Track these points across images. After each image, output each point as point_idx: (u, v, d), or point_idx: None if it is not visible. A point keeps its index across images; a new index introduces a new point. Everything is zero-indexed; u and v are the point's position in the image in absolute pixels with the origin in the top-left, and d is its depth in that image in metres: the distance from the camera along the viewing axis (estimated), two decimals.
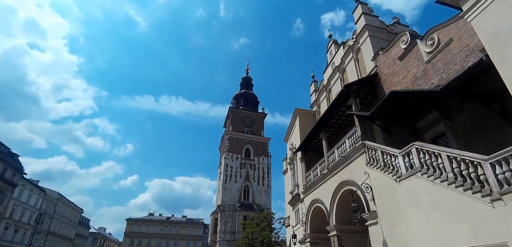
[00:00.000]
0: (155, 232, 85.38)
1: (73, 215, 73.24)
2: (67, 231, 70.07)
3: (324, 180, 18.48)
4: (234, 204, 58.91)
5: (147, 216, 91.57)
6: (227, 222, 57.07)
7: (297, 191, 25.13)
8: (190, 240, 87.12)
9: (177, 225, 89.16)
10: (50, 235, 61.45)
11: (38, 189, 57.47)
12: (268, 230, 46.44)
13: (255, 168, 64.30)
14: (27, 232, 51.87)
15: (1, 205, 45.12)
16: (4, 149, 46.60)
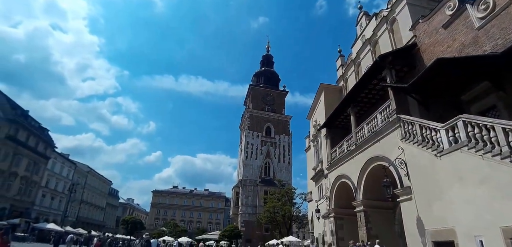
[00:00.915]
0: (179, 204, 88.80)
1: (103, 186, 77.32)
2: (98, 201, 74.40)
3: (351, 156, 18.00)
4: (255, 179, 59.69)
5: (172, 188, 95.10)
6: (249, 196, 58.13)
7: (320, 167, 24.82)
8: (213, 212, 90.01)
9: (200, 197, 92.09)
10: (83, 203, 65.63)
11: (69, 162, 60.82)
12: (289, 204, 46.91)
13: (276, 146, 64.32)
14: (63, 200, 55.49)
15: (37, 175, 48.28)
16: (35, 124, 49.19)
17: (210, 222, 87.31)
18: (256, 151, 62.21)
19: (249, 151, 61.75)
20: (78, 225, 54.76)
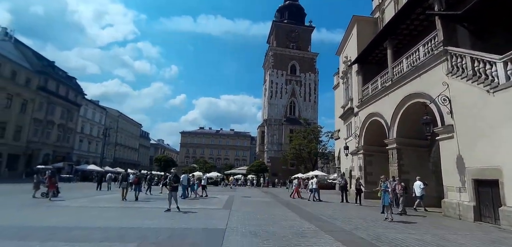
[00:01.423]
0: (206, 143, 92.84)
1: (134, 129, 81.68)
2: (131, 142, 79.38)
3: (386, 93, 17.07)
4: (280, 118, 59.98)
5: (198, 129, 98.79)
6: (274, 134, 59.14)
7: (350, 105, 24.08)
8: (239, 150, 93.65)
9: (226, 137, 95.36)
10: (118, 145, 70.35)
11: (100, 108, 63.87)
12: (315, 142, 47.42)
13: (301, 84, 62.89)
14: (99, 144, 59.62)
15: (72, 122, 51.47)
16: (62, 73, 51.11)
17: (236, 159, 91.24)
18: (280, 90, 61.46)
19: (273, 90, 61.13)
20: (116, 165, 59.28)
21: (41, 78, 43.80)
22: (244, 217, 9.61)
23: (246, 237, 6.45)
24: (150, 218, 8.85)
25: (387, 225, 8.83)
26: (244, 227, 7.70)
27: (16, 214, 8.90)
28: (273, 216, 10.27)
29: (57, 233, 6.39)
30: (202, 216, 9.60)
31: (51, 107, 46.00)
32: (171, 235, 6.39)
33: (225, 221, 8.70)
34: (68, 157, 48.47)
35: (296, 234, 6.97)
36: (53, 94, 46.12)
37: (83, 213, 9.86)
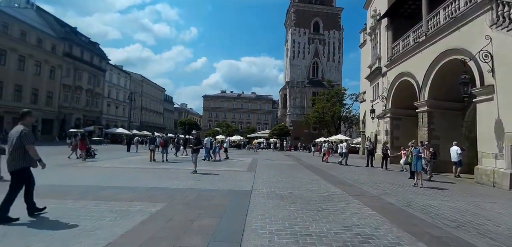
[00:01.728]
0: (228, 107, 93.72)
1: (157, 93, 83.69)
2: (156, 106, 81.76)
3: (419, 49, 15.88)
4: (303, 80, 58.65)
5: (220, 93, 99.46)
6: (296, 97, 58.28)
7: (378, 64, 22.83)
8: (261, 114, 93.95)
9: (248, 100, 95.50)
10: (143, 109, 72.79)
11: (124, 73, 65.49)
12: (339, 105, 46.30)
13: (324, 43, 60.28)
14: (125, 108, 61.89)
15: (99, 87, 53.39)
16: (85, 39, 52.20)
17: (258, 122, 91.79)
18: (303, 50, 59.43)
19: (295, 50, 59.23)
20: (142, 128, 61.66)
21: (66, 44, 45.11)
22: (269, 180, 9.66)
23: (272, 199, 6.44)
24: (177, 179, 9.09)
25: (417, 191, 8.53)
26: (270, 190, 7.71)
27: (52, 175, 9.44)
28: (298, 179, 10.24)
29: (88, 192, 6.69)
30: (228, 178, 9.73)
31: (78, 73, 47.67)
32: (198, 196, 6.50)
33: (250, 183, 8.77)
34: (97, 121, 50.89)
35: (323, 198, 6.88)
36: (79, 60, 47.61)
37: (114, 173, 10.32)
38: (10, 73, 36.17)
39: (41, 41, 40.65)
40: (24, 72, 38.03)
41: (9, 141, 4.56)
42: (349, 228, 4.48)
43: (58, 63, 43.58)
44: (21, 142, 4.44)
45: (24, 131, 4.51)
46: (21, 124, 4.67)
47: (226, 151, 20.69)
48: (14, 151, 4.44)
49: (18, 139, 4.45)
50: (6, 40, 35.36)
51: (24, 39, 38.00)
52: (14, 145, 4.44)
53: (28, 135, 4.50)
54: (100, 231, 3.96)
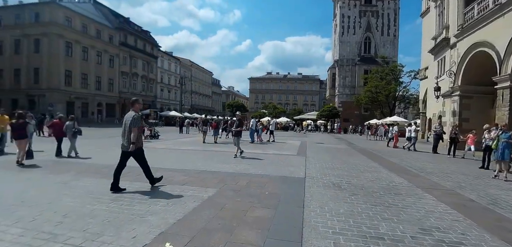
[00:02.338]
0: (274, 89, 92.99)
1: (206, 77, 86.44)
2: (204, 90, 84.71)
3: (501, 13, 13.42)
4: (353, 58, 55.05)
5: (266, 75, 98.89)
6: (346, 76, 55.18)
7: (445, 35, 20.11)
8: (308, 95, 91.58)
9: (294, 81, 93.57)
10: (193, 93, 75.94)
11: (174, 59, 68.66)
12: (395, 84, 42.66)
13: (377, 16, 55.32)
14: (177, 92, 65.12)
15: (152, 73, 56.82)
16: (137, 28, 55.34)
17: (305, 104, 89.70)
18: (353, 25, 55.40)
19: (345, 25, 55.51)
20: (193, 111, 64.32)
21: (121, 34, 48.34)
22: (322, 166, 9.01)
23: (329, 189, 5.85)
24: (227, 163, 8.95)
25: (500, 185, 7.14)
26: (325, 177, 7.10)
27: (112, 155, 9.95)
28: (354, 165, 9.41)
29: (143, 174, 6.83)
30: (278, 163, 9.30)
31: (134, 60, 51.05)
32: (249, 182, 6.19)
33: (302, 169, 8.24)
34: (153, 105, 54.33)
35: (387, 190, 6.07)
36: (133, 48, 50.89)
37: (168, 155, 10.59)
38: (77, 63, 39.97)
39: (100, 32, 44.07)
40: (87, 62, 41.77)
41: (123, 126, 5.31)
42: (428, 231, 3.73)
43: (116, 52, 47.04)
44: (132, 126, 5.13)
45: (135, 116, 5.21)
46: (132, 111, 5.36)
47: (272, 134, 20.24)
48: (128, 134, 5.17)
49: (130, 124, 5.14)
50: (71, 33, 38.97)
51: (86, 31, 41.51)
52: (128, 129, 5.17)
53: (136, 120, 5.19)
54: (152, 218, 3.84)
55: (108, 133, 22.27)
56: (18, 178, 6.27)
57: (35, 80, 37.30)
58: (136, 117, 5.23)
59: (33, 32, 37.21)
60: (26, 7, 38.66)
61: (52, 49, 36.72)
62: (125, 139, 5.24)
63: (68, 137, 9.76)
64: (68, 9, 39.09)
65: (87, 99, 41.77)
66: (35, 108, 33.20)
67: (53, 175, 6.68)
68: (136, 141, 5.17)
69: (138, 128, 5.23)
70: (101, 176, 6.56)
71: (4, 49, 38.45)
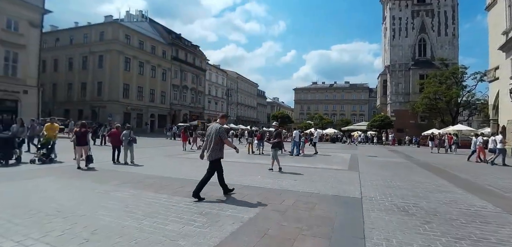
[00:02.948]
0: (320, 99, 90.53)
1: (251, 89, 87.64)
2: (250, 101, 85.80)
3: None
4: (406, 62, 50.84)
5: (311, 85, 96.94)
6: (399, 83, 51.15)
7: None
8: (356, 104, 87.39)
9: (341, 90, 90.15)
10: (239, 105, 77.28)
11: (221, 71, 70.91)
12: (457, 88, 38.23)
13: (433, 15, 50.48)
14: (223, 104, 66.87)
15: (200, 85, 59.23)
16: (188, 43, 58.34)
17: (353, 113, 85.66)
18: (405, 27, 51.29)
19: (396, 28, 51.66)
20: (238, 122, 65.22)
21: (173, 49, 51.24)
22: (380, 183, 7.87)
23: (394, 214, 4.84)
24: (272, 177, 8.31)
25: None
26: (386, 198, 6.05)
27: (161, 165, 10.04)
28: (419, 183, 8.06)
29: (186, 186, 6.56)
30: (328, 179, 8.37)
31: (184, 73, 53.70)
32: (296, 202, 5.46)
33: (357, 186, 7.24)
34: (201, 116, 56.31)
35: (470, 217, 4.84)
36: (184, 62, 53.63)
37: None
38: (134, 77, 43.16)
39: (154, 48, 47.22)
40: (143, 76, 44.88)
41: (208, 136, 5.63)
42: None
43: (168, 66, 49.91)
44: (217, 137, 5.44)
45: (221, 128, 5.53)
46: (217, 123, 5.75)
47: (314, 146, 18.94)
48: (213, 146, 5.44)
49: (216, 135, 5.44)
50: (129, 49, 42.30)
51: (142, 47, 44.78)
52: (213, 140, 5.45)
53: (223, 131, 5.53)
54: (184, 242, 3.36)
55: (157, 142, 23.29)
56: (64, 185, 6.38)
57: (98, 92, 41.08)
58: (223, 130, 5.55)
59: (97, 50, 41.22)
60: (93, 27, 43.07)
61: (113, 65, 40.20)
62: (209, 149, 5.50)
63: (124, 145, 10.39)
64: (127, 28, 42.72)
65: (142, 110, 44.73)
66: (96, 118, 36.43)
67: (98, 183, 6.72)
68: (219, 151, 5.49)
69: (221, 139, 5.51)
70: (143, 187, 6.41)
71: (73, 65, 43.16)
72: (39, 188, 5.93)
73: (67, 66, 43.69)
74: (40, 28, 29.29)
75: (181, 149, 17.67)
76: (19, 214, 4.19)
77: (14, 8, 26.80)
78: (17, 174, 7.53)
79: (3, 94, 26.07)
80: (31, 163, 9.06)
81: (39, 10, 29.02)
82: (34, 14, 28.49)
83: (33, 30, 28.46)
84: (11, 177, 7.10)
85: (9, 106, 26.79)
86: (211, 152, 5.49)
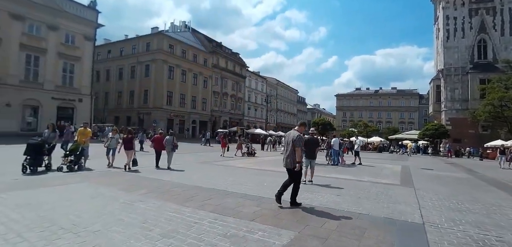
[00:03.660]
0: (364, 105, 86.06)
1: (291, 95, 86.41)
2: (289, 108, 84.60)
3: None
4: (463, 65, 45.81)
5: (354, 91, 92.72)
6: (455, 88, 46.24)
7: None
8: (404, 111, 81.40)
9: (387, 97, 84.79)
10: (279, 111, 76.53)
11: (260, 78, 70.87)
12: None
13: (495, 12, 44.88)
14: (263, 110, 66.56)
15: (240, 92, 59.65)
16: (228, 50, 59.33)
17: (401, 121, 79.87)
18: (462, 27, 46.29)
19: (450, 29, 46.87)
20: (278, 129, 64.43)
21: (214, 57, 52.43)
22: (444, 204, 6.52)
23: None
24: (311, 191, 7.36)
25: None
26: (456, 226, 4.80)
27: (190, 171, 9.70)
28: (496, 207, 6.52)
29: (213, 197, 6.03)
30: (378, 196, 7.20)
31: (224, 80, 54.56)
32: (340, 226, 4.52)
33: (415, 207, 6.01)
34: (240, 122, 56.67)
35: None
36: (224, 70, 54.54)
37: (245, 175, 9.74)
38: (176, 85, 44.83)
39: (196, 57, 48.71)
40: (185, 83, 46.42)
41: (286, 144, 5.76)
42: None
43: (209, 74, 51.11)
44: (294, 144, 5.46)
45: (299, 136, 5.56)
46: (295, 130, 5.81)
47: (357, 155, 17.15)
48: (291, 153, 5.49)
49: (293, 142, 5.48)
50: (173, 59, 44.08)
51: (185, 56, 46.43)
52: (290, 148, 5.51)
53: (299, 139, 5.50)
54: None
55: (195, 148, 23.47)
56: (89, 194, 6.12)
57: (144, 100, 43.29)
58: (300, 137, 5.55)
59: (144, 59, 43.59)
60: (140, 38, 45.77)
61: (158, 73, 42.14)
62: (287, 157, 5.56)
63: (167, 150, 10.66)
64: (171, 38, 44.73)
65: (184, 116, 46.18)
66: (142, 125, 38.31)
67: (124, 192, 6.42)
68: (300, 159, 5.44)
69: (300, 148, 5.48)
70: (168, 198, 5.95)
71: (123, 75, 46.14)
72: (62, 197, 5.69)
73: (117, 76, 46.85)
74: (93, 41, 31.70)
75: (217, 156, 17.42)
76: (33, 226, 3.89)
77: (72, 24, 29.34)
78: (42, 182, 7.25)
79: (61, 102, 28.49)
80: (58, 171, 8.59)
81: (93, 25, 31.48)
82: (88, 29, 30.96)
83: (88, 43, 30.88)
84: (36, 185, 6.78)
85: (66, 113, 29.15)
86: (288, 160, 5.55)
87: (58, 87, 28.11)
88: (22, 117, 24.55)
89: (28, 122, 25.36)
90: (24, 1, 25.78)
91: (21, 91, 25.54)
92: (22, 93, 25.65)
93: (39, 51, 27.02)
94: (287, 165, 5.61)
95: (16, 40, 25.41)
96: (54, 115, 27.45)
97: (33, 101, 26.53)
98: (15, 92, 25.09)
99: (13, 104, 24.62)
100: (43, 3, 27.04)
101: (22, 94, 25.61)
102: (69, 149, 9.41)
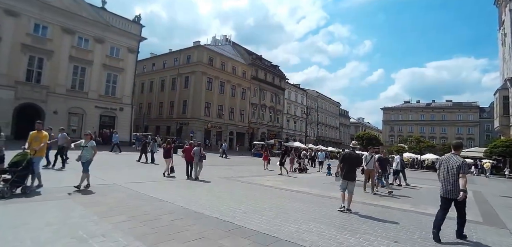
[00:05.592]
0: (414, 119, 78.95)
1: (333, 108, 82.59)
2: (331, 121, 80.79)
3: None
4: None
5: (403, 104, 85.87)
6: None
7: None
8: (461, 126, 72.79)
9: (441, 110, 76.80)
10: (319, 124, 73.34)
11: (301, 90, 68.69)
12: None
13: None
14: (303, 123, 64.12)
15: (279, 104, 58.24)
16: (268, 63, 58.68)
17: (458, 137, 71.21)
18: None
19: None
20: (318, 142, 61.45)
21: (253, 69, 51.92)
22: None
23: None
24: (349, 227, 5.48)
25: None
26: None
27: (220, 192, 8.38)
28: None
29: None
30: (459, 244, 5.10)
31: (263, 92, 53.65)
32: None
33: None
34: (278, 135, 55.00)
35: None
36: (263, 81, 53.75)
37: (278, 194, 8.10)
38: (215, 96, 44.89)
39: (235, 69, 48.58)
40: (223, 95, 46.30)
41: (444, 170, 5.03)
42: None
43: (247, 86, 50.59)
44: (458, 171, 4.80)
45: (464, 162, 4.90)
46: (453, 154, 5.13)
47: (402, 175, 13.95)
48: (455, 181, 4.85)
49: (457, 169, 4.81)
50: (212, 71, 44.31)
51: (224, 68, 46.50)
52: (454, 175, 4.86)
53: (465, 165, 4.86)
54: None
55: (238, 160, 22.34)
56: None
57: (183, 110, 43.91)
58: (465, 163, 4.94)
59: (184, 71, 44.45)
60: (182, 51, 46.90)
61: (197, 85, 42.56)
62: (448, 184, 4.96)
63: (195, 161, 10.78)
64: (211, 51, 45.17)
65: (221, 128, 45.87)
66: (180, 135, 38.60)
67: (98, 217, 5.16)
68: (465, 188, 4.77)
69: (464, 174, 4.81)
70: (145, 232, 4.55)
71: (165, 86, 47.54)
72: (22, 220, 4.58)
73: (160, 87, 48.45)
74: (136, 53, 32.77)
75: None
76: None
77: (117, 37, 30.62)
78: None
79: (104, 111, 29.58)
80: None
81: (136, 38, 32.58)
82: (132, 42, 32.08)
83: (131, 55, 31.96)
84: None
85: (108, 121, 30.20)
86: (454, 189, 4.89)
87: (101, 96, 29.29)
88: (67, 124, 25.69)
89: (73, 129, 26.50)
90: (76, 16, 27.39)
91: (67, 99, 26.97)
92: (68, 101, 27.08)
93: (86, 63, 28.45)
94: (451, 195, 4.93)
95: (66, 52, 26.99)
96: (97, 123, 28.60)
97: (78, 109, 27.85)
98: (63, 100, 26.55)
99: (60, 112, 25.97)
100: (93, 19, 28.57)
101: (68, 103, 27.05)
102: (10, 162, 6.37)
